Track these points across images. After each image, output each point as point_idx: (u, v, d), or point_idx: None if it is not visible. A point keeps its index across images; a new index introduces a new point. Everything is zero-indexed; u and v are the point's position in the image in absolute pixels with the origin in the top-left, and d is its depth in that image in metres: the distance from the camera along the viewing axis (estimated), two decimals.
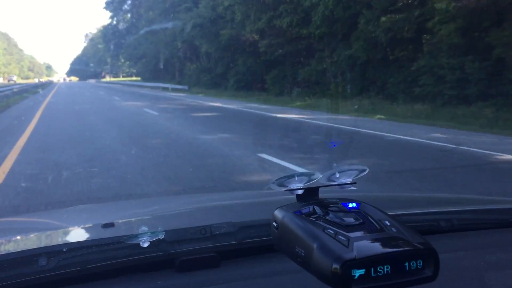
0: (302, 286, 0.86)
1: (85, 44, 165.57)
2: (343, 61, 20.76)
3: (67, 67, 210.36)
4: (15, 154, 7.71)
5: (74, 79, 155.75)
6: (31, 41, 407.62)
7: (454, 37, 14.94)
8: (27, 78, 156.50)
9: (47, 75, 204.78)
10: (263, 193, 2.16)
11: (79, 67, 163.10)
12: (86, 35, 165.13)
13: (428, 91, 15.55)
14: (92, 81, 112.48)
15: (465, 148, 8.23)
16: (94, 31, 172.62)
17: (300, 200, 0.78)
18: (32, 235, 1.27)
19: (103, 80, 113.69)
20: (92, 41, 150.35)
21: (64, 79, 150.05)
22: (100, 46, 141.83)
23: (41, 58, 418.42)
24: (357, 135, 10.35)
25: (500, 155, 7.55)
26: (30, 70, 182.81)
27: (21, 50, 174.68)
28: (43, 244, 1.07)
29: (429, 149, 8.34)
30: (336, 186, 0.81)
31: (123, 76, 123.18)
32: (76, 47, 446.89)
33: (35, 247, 1.04)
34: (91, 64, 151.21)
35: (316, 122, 13.43)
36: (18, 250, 1.02)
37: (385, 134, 10.35)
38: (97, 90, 45.33)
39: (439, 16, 15.10)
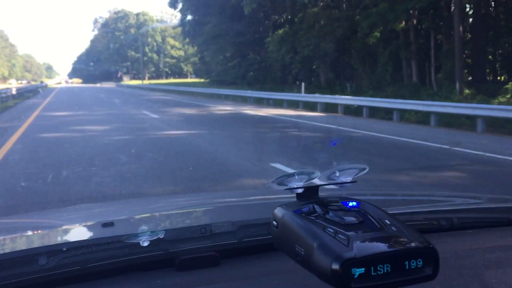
0: (302, 285, 0.86)
1: (93, 36, 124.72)
2: None
3: (70, 68, 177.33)
4: None
5: (76, 81, 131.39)
6: (30, 40, 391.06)
7: None
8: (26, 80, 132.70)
9: (48, 77, 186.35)
10: (263, 192, 2.16)
11: (83, 67, 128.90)
12: (95, 22, 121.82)
13: None
14: (109, 84, 78.48)
15: None
16: (106, 15, 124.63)
17: (300, 199, 0.78)
18: (32, 235, 1.27)
19: (125, 83, 78.25)
20: (106, 27, 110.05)
21: (66, 82, 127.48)
22: (117, 33, 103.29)
23: (41, 58, 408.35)
24: None
25: None
26: (27, 70, 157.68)
27: (12, 45, 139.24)
28: (43, 243, 1.07)
29: None
30: (336, 184, 0.81)
31: (148, 78, 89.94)
32: (80, 46, 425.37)
33: (35, 246, 1.04)
34: (91, 63, 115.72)
35: None
36: (19, 249, 1.02)
37: None
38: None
39: None
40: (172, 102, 27.47)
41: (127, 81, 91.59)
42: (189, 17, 44.19)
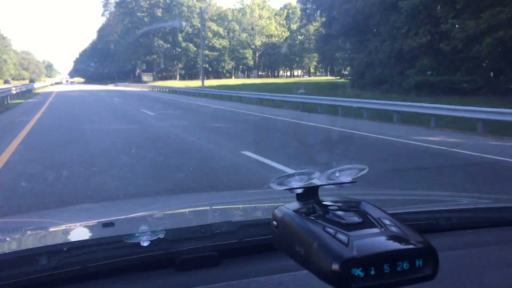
0: (302, 285, 0.86)
1: (101, 24, 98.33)
2: None
3: (71, 66, 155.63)
4: None
5: (78, 80, 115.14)
6: (28, 36, 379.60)
7: None
8: (23, 79, 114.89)
9: (48, 75, 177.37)
10: (263, 192, 2.17)
11: (87, 64, 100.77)
12: (106, 4, 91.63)
13: None
14: (127, 86, 54.64)
15: None
16: None
17: (300, 199, 0.79)
18: (32, 234, 1.27)
19: (158, 84, 51.15)
20: (121, 7, 76.82)
21: (67, 81, 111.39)
22: (140, 14, 71.05)
23: (41, 56, 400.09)
24: None
25: None
26: (24, 68, 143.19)
27: (4, 37, 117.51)
28: (43, 243, 1.08)
29: None
30: (336, 185, 0.81)
31: (179, 79, 64.91)
32: (84, 42, 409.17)
33: (36, 246, 1.04)
34: (96, 60, 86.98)
35: None
36: (19, 249, 1.02)
37: None
38: None
39: None
40: None
41: (152, 81, 63.39)
42: None
